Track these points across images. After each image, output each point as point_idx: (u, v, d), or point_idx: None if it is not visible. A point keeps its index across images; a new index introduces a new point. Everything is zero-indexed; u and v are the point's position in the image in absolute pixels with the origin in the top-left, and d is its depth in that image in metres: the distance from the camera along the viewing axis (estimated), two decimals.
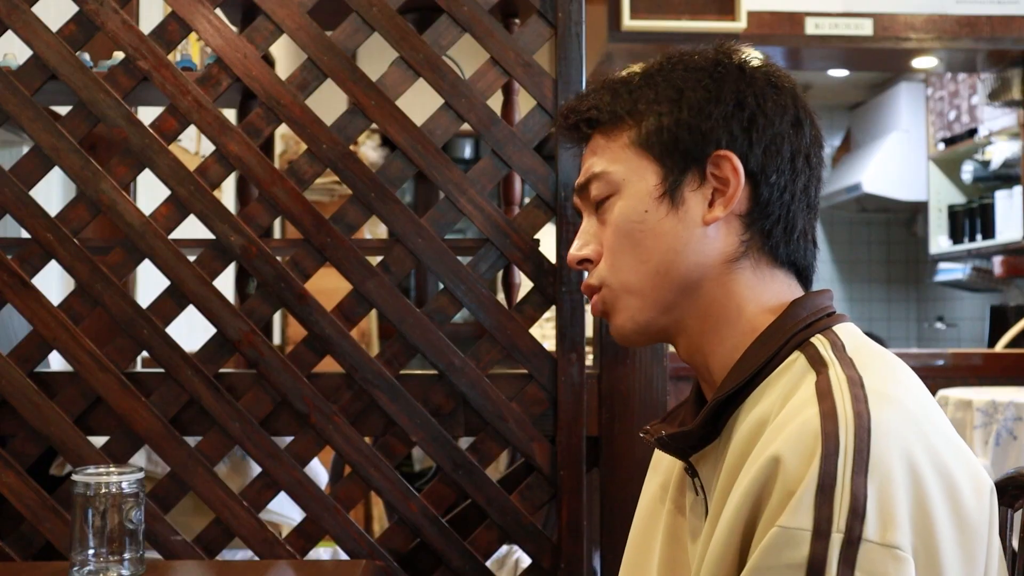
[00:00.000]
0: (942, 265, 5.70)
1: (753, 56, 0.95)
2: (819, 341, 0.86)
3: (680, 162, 0.91)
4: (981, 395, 2.68)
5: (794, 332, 0.87)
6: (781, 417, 0.79)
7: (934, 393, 2.91)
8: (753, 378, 0.87)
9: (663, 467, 1.03)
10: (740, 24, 3.66)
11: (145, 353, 1.62)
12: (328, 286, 2.06)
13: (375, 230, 4.74)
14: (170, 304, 1.61)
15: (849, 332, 0.88)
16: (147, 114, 1.81)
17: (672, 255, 0.91)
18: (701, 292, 0.92)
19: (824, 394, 0.78)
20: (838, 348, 0.85)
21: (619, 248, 0.93)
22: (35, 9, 1.62)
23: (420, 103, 1.83)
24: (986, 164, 5.12)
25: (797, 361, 0.85)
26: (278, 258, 1.61)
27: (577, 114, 0.97)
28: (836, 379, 0.80)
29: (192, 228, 1.64)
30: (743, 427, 0.85)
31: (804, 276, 0.95)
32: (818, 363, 0.83)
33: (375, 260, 1.64)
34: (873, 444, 0.74)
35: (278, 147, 4.59)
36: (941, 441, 0.77)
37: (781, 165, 0.91)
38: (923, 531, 0.73)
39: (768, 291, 0.92)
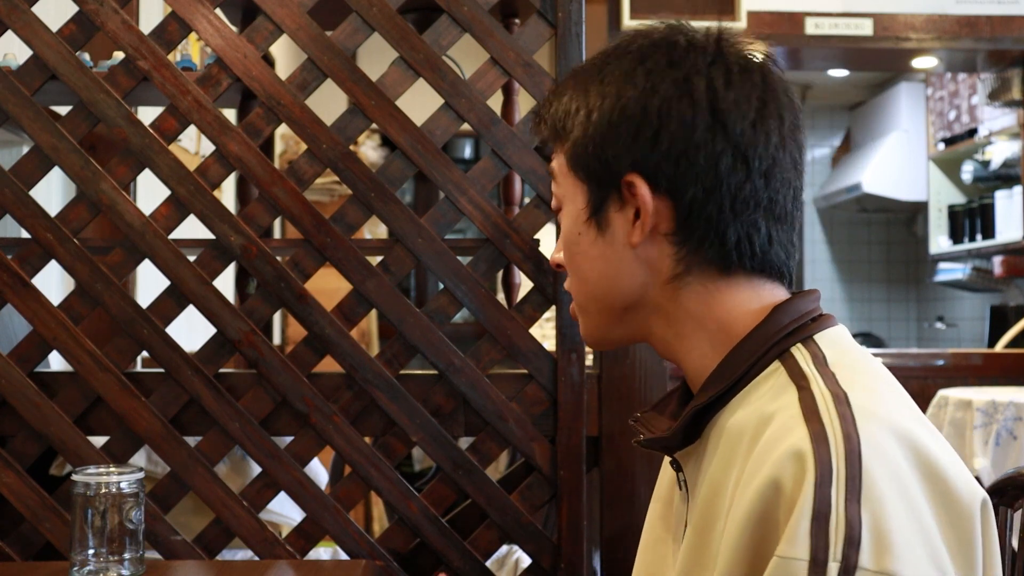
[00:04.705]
0: (942, 265, 5.70)
1: (680, 49, 0.88)
2: (799, 352, 0.84)
3: (599, 185, 0.89)
4: (981, 395, 2.68)
5: (775, 341, 0.85)
6: (769, 436, 0.77)
7: (934, 393, 2.91)
8: (733, 385, 0.85)
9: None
10: (740, 24, 3.66)
11: (145, 353, 1.62)
12: (328, 286, 2.06)
13: (375, 230, 4.74)
14: (170, 304, 1.61)
15: (831, 340, 0.86)
16: (147, 114, 1.81)
17: (607, 281, 0.90)
18: (650, 306, 0.90)
19: (811, 414, 0.76)
20: (819, 360, 0.83)
21: (568, 265, 0.94)
22: (35, 9, 1.62)
23: (420, 103, 1.83)
24: (986, 164, 5.13)
25: (777, 372, 0.84)
26: (278, 258, 1.61)
27: (535, 120, 0.97)
28: (821, 397, 0.78)
29: (192, 228, 1.64)
30: (721, 435, 0.84)
31: (779, 274, 0.90)
32: (799, 377, 0.81)
33: (375, 260, 1.64)
34: (864, 469, 0.73)
35: (278, 147, 4.59)
36: (932, 456, 0.76)
37: (698, 178, 0.85)
38: (932, 555, 0.72)
39: (729, 300, 0.88)
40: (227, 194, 3.50)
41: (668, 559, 0.98)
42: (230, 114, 1.95)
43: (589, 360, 1.75)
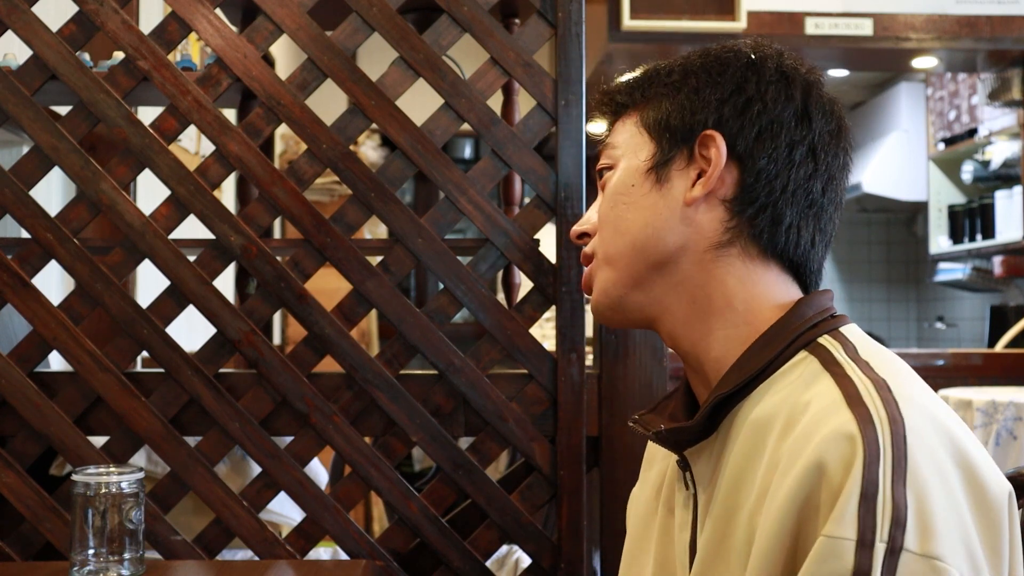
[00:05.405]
0: (942, 265, 5.70)
1: (789, 59, 0.94)
2: (828, 343, 0.85)
3: (671, 141, 0.92)
4: (981, 395, 2.68)
5: (801, 332, 0.86)
6: (809, 421, 0.78)
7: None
8: (756, 376, 0.86)
9: (658, 462, 1.02)
10: (740, 24, 3.66)
11: (145, 353, 1.62)
12: (328, 286, 2.06)
13: (375, 230, 4.74)
14: (170, 304, 1.61)
15: (855, 334, 0.88)
16: (147, 114, 1.81)
17: (650, 231, 0.91)
18: (681, 274, 0.91)
19: (854, 398, 0.77)
20: (850, 350, 0.84)
21: (606, 219, 0.95)
22: (35, 9, 1.62)
23: (420, 103, 1.83)
24: (986, 164, 5.13)
25: (806, 362, 0.85)
26: (278, 258, 1.61)
27: (605, 95, 1.00)
28: (861, 383, 0.79)
29: (192, 228, 1.64)
30: (744, 425, 0.84)
31: (801, 277, 0.93)
32: (833, 365, 0.82)
33: (375, 260, 1.64)
34: (909, 452, 0.74)
35: (278, 147, 4.59)
36: (965, 447, 0.77)
37: (775, 153, 0.89)
38: (967, 541, 0.73)
39: (761, 285, 0.90)
40: (227, 194, 3.50)
41: (649, 559, 0.98)
42: (230, 114, 1.95)
43: (589, 360, 1.74)
